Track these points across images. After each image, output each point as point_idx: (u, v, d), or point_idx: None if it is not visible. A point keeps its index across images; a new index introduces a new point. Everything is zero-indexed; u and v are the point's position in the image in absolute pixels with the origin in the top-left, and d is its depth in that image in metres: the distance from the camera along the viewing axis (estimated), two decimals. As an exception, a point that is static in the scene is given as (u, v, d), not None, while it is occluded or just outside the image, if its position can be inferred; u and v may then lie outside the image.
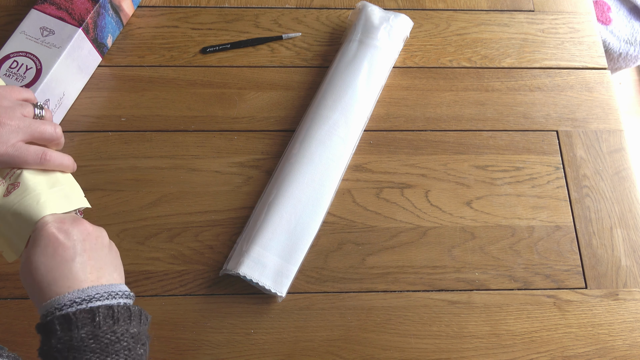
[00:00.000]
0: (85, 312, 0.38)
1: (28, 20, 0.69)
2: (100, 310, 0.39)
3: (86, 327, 0.38)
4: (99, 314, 0.39)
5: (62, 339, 0.38)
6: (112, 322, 0.39)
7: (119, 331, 0.39)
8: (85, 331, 0.38)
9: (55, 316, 0.38)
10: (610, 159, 0.72)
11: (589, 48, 0.80)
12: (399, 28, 0.75)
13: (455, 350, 0.61)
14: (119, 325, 0.39)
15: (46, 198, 0.43)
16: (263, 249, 0.62)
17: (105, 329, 0.38)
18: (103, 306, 0.39)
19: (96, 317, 0.38)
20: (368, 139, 0.72)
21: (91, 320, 0.38)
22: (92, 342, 0.38)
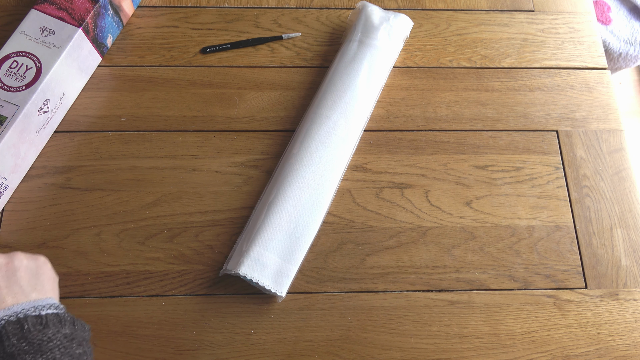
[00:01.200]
0: (13, 323, 0.41)
1: (28, 20, 0.69)
2: (28, 319, 0.42)
3: (17, 335, 0.41)
4: (27, 323, 0.42)
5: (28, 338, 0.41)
6: (42, 327, 0.42)
7: (49, 333, 0.42)
8: (16, 338, 0.41)
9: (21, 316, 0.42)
10: (610, 159, 0.72)
11: (589, 48, 0.80)
12: (399, 28, 0.75)
13: (455, 350, 0.61)
14: (49, 328, 0.42)
15: None
16: (263, 249, 0.62)
17: (35, 333, 0.41)
18: (30, 316, 0.42)
19: (24, 325, 0.41)
20: (368, 139, 0.72)
21: (20, 329, 0.41)
22: (24, 344, 0.40)
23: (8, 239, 0.64)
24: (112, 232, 0.65)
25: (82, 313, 0.61)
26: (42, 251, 0.64)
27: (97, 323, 0.61)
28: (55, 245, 0.64)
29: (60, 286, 0.63)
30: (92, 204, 0.67)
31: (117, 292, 0.63)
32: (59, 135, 0.70)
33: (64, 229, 0.65)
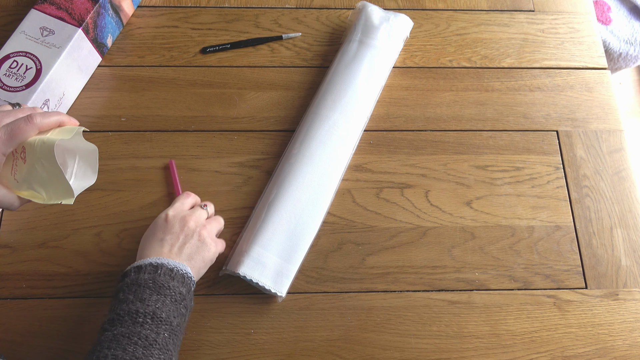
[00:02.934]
0: (151, 266, 0.52)
1: (28, 20, 0.69)
2: (163, 268, 0.52)
3: (150, 274, 0.51)
4: (161, 269, 0.52)
5: (133, 278, 0.51)
6: (169, 278, 0.52)
7: (172, 284, 0.52)
8: (147, 275, 0.51)
9: (132, 266, 0.53)
10: (610, 159, 0.72)
11: (589, 48, 0.80)
12: (399, 28, 0.75)
13: (455, 350, 0.61)
14: (173, 281, 0.52)
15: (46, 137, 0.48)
16: (263, 249, 0.62)
17: (162, 279, 0.51)
18: (166, 267, 0.52)
19: (158, 270, 0.52)
20: (368, 139, 0.72)
21: (154, 271, 0.52)
22: (151, 282, 0.51)
23: (8, 239, 0.65)
24: (112, 232, 0.65)
25: (82, 313, 0.61)
26: (42, 251, 0.64)
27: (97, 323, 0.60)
28: (55, 245, 0.64)
29: (60, 286, 0.63)
30: (92, 204, 0.67)
31: (117, 292, 0.63)
32: (59, 135, 0.70)
33: (64, 229, 0.65)
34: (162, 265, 0.52)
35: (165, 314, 0.49)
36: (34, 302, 0.62)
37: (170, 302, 0.50)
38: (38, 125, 0.48)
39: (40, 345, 0.60)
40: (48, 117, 0.49)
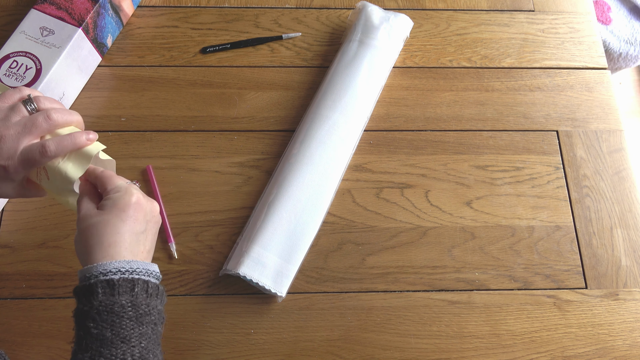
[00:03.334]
0: (126, 281, 0.42)
1: (28, 20, 0.69)
2: (139, 282, 0.43)
3: (126, 295, 0.42)
4: (138, 286, 0.43)
5: (104, 302, 0.41)
6: (146, 296, 0.43)
7: (151, 304, 0.43)
8: (125, 299, 0.42)
9: (98, 280, 0.42)
10: (610, 159, 0.72)
11: (589, 48, 0.80)
12: (399, 28, 0.75)
13: (455, 350, 0.61)
14: (151, 299, 0.44)
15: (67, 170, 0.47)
16: (263, 249, 0.62)
17: (141, 300, 0.43)
18: (141, 280, 0.43)
19: (135, 287, 0.43)
20: (368, 139, 0.72)
21: (130, 290, 0.42)
22: (131, 310, 0.42)
23: (8, 239, 0.65)
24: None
25: (82, 313, 0.61)
26: (42, 251, 0.64)
27: (97, 323, 0.61)
28: (55, 245, 0.64)
29: (60, 286, 0.63)
30: (92, 204, 0.67)
31: (117, 292, 0.63)
32: (59, 135, 0.70)
33: (64, 229, 0.65)
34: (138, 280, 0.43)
35: (152, 353, 0.42)
36: (34, 302, 0.62)
37: (151, 332, 0.43)
38: (53, 156, 0.46)
39: (40, 345, 0.60)
40: (62, 143, 0.46)
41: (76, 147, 0.47)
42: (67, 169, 0.47)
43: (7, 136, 0.45)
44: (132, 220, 0.46)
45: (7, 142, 0.45)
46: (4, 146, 0.44)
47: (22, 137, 0.45)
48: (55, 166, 0.47)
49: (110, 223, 0.45)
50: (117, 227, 0.45)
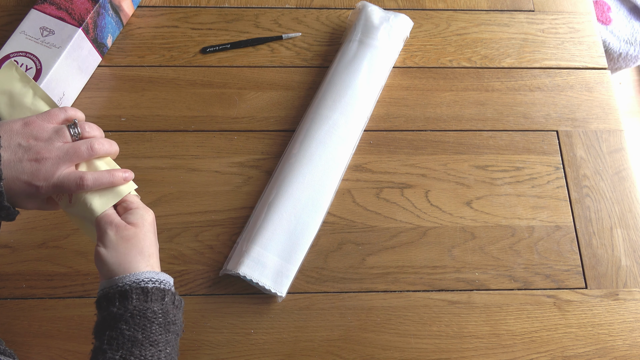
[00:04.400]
0: (159, 290, 0.45)
1: (28, 20, 0.69)
2: (169, 293, 0.46)
3: (157, 302, 0.45)
4: (167, 296, 0.46)
5: (138, 307, 0.44)
6: (173, 307, 0.46)
7: (177, 315, 0.47)
8: (157, 306, 0.45)
9: (133, 287, 0.45)
10: (610, 159, 0.72)
11: (589, 48, 0.80)
12: (399, 28, 0.75)
13: (455, 350, 0.61)
14: (177, 311, 0.47)
15: (93, 201, 0.48)
16: (263, 249, 0.62)
17: (169, 309, 0.46)
18: (170, 291, 0.47)
19: (165, 297, 0.46)
20: (368, 139, 0.72)
21: (161, 299, 0.45)
22: (161, 317, 0.45)
23: (8, 239, 0.65)
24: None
25: (83, 313, 0.61)
26: (42, 251, 0.64)
27: (97, 323, 0.61)
28: (55, 245, 0.64)
29: (60, 286, 0.63)
30: (92, 204, 0.67)
31: (117, 292, 0.63)
32: (59, 135, 0.70)
33: (64, 229, 0.65)
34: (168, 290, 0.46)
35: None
36: (34, 302, 0.62)
37: (174, 341, 0.46)
38: (88, 190, 0.47)
39: (40, 345, 0.60)
40: (100, 180, 0.48)
41: (112, 185, 0.49)
42: (92, 202, 0.48)
43: (49, 159, 0.46)
44: (155, 235, 0.50)
45: (47, 165, 0.46)
46: (42, 168, 0.45)
47: (62, 163, 0.46)
48: (83, 196, 0.48)
49: (147, 237, 0.48)
50: (152, 240, 0.49)
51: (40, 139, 0.46)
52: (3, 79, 0.50)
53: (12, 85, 0.50)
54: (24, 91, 0.50)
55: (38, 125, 0.47)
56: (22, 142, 0.45)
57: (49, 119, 0.48)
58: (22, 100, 0.50)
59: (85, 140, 0.48)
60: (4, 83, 0.50)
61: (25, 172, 0.45)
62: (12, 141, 0.45)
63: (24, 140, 0.46)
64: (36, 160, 0.45)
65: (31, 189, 0.46)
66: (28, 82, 0.51)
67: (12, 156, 0.45)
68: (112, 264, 0.47)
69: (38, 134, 0.46)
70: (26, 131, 0.46)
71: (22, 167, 0.45)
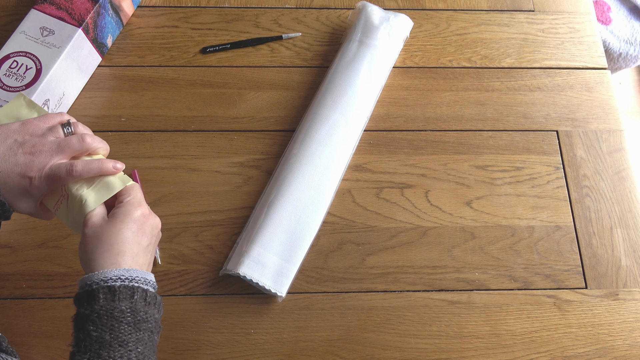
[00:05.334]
0: (126, 288, 0.44)
1: (28, 20, 0.69)
2: (138, 290, 0.45)
3: (126, 301, 0.44)
4: (137, 293, 0.45)
5: (104, 307, 0.43)
6: (144, 304, 0.45)
7: (149, 312, 0.45)
8: (125, 304, 0.44)
9: (100, 286, 0.44)
10: (610, 159, 0.72)
11: (589, 48, 0.80)
12: (399, 28, 0.75)
13: (455, 350, 0.61)
14: (149, 308, 0.45)
15: (87, 198, 0.49)
16: (263, 249, 0.62)
17: (139, 307, 0.44)
18: (140, 288, 0.45)
19: (134, 295, 0.44)
20: (368, 139, 0.72)
21: (130, 297, 0.44)
22: (129, 315, 0.44)
23: (8, 239, 0.65)
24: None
25: (82, 313, 0.61)
26: (42, 251, 0.64)
27: (97, 323, 0.61)
28: (55, 245, 0.64)
29: (60, 286, 0.63)
30: (92, 204, 0.67)
31: (117, 292, 0.63)
32: (59, 135, 0.70)
33: (64, 229, 0.65)
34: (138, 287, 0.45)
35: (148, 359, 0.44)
36: (34, 302, 0.62)
37: (147, 339, 0.45)
38: (78, 177, 0.48)
39: (40, 345, 0.60)
40: (89, 166, 0.48)
41: (102, 172, 0.49)
42: (88, 198, 0.49)
43: (41, 152, 0.47)
44: (140, 233, 0.48)
45: (40, 157, 0.47)
46: (36, 160, 0.47)
47: (55, 154, 0.48)
48: (79, 193, 0.49)
49: (121, 233, 0.47)
50: (126, 237, 0.47)
51: (35, 135, 0.48)
52: (12, 107, 0.53)
53: (20, 111, 0.53)
54: (30, 114, 0.53)
55: (34, 124, 0.49)
56: (17, 138, 0.47)
57: (45, 120, 0.50)
58: None
59: (76, 135, 0.49)
60: (13, 110, 0.53)
61: (19, 164, 0.46)
62: (8, 138, 0.47)
63: (19, 136, 0.47)
64: (30, 153, 0.47)
65: (25, 182, 0.47)
66: (34, 107, 0.54)
67: (8, 150, 0.46)
68: (82, 261, 0.47)
69: (33, 131, 0.48)
70: (23, 129, 0.48)
71: (17, 159, 0.46)
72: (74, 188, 0.49)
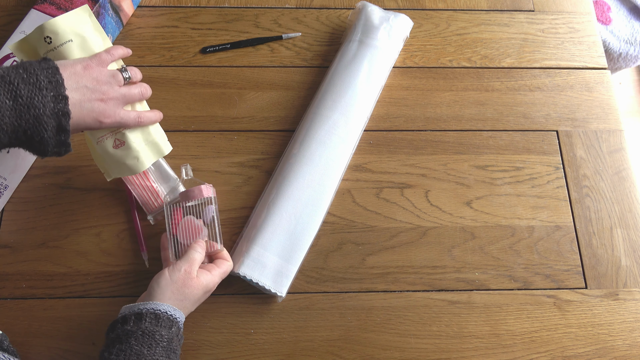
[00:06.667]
0: (168, 319, 0.52)
1: (28, 20, 0.69)
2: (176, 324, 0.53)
3: (165, 329, 0.51)
4: (175, 326, 0.52)
5: (149, 328, 0.50)
6: (177, 338, 0.52)
7: (178, 347, 0.52)
8: (165, 331, 0.51)
9: (148, 311, 0.52)
10: (610, 159, 0.72)
11: (589, 48, 0.80)
12: (398, 28, 0.75)
13: (455, 350, 0.61)
14: (179, 344, 0.53)
15: (143, 154, 0.58)
16: (263, 249, 0.62)
17: (173, 338, 0.51)
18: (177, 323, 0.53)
19: (172, 327, 0.52)
20: (368, 139, 0.72)
21: (169, 327, 0.52)
22: (166, 342, 0.50)
23: (8, 239, 0.65)
24: (112, 232, 0.65)
25: (83, 313, 0.61)
26: (42, 251, 0.64)
27: (97, 323, 0.61)
28: (55, 245, 0.64)
29: (60, 286, 0.63)
30: (93, 204, 0.67)
31: (117, 292, 0.63)
32: (59, 135, 0.70)
33: (64, 229, 0.65)
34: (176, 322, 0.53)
35: None
36: (34, 302, 0.62)
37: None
38: (143, 124, 0.58)
39: (40, 345, 0.60)
40: (150, 119, 0.58)
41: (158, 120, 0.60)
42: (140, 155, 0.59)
43: (111, 99, 0.54)
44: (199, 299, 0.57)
45: (111, 104, 0.54)
46: (108, 108, 0.53)
47: (122, 103, 0.55)
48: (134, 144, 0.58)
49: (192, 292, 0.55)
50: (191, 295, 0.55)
51: (101, 82, 0.53)
52: (77, 20, 0.56)
53: (85, 30, 0.56)
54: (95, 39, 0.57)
55: (97, 70, 0.54)
56: (88, 85, 0.52)
57: (101, 62, 0.55)
58: (92, 49, 0.56)
59: (137, 85, 0.57)
60: (77, 25, 0.56)
61: (95, 110, 0.52)
62: (79, 84, 0.52)
63: (89, 83, 0.52)
64: (102, 100, 0.53)
65: (96, 124, 0.53)
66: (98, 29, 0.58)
67: (82, 96, 0.51)
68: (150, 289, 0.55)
69: (99, 77, 0.53)
70: (88, 74, 0.53)
71: (92, 106, 0.52)
72: (131, 139, 0.57)
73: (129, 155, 0.58)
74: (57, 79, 0.49)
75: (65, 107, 0.49)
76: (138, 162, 0.58)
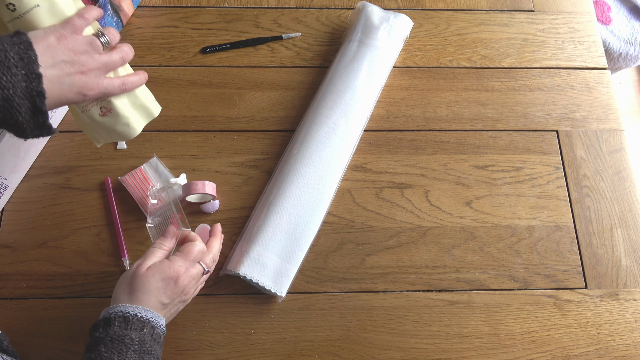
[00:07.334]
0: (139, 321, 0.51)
1: None
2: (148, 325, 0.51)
3: (136, 331, 0.50)
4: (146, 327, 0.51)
5: (117, 332, 0.49)
6: (151, 339, 0.51)
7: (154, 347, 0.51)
8: (135, 334, 0.49)
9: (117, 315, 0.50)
10: (610, 159, 0.72)
11: (589, 48, 0.80)
12: (398, 28, 0.75)
13: (455, 350, 0.61)
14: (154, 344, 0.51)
15: (132, 120, 0.56)
16: (263, 249, 0.62)
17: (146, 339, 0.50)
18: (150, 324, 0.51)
19: (144, 328, 0.51)
20: (368, 139, 0.72)
21: (140, 329, 0.50)
22: (137, 344, 0.49)
23: (8, 239, 0.65)
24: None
25: (83, 313, 0.61)
26: (42, 251, 0.64)
27: (97, 323, 0.61)
28: (55, 245, 0.64)
29: (60, 286, 0.63)
30: (92, 204, 0.67)
31: (117, 292, 0.63)
32: (59, 135, 0.70)
33: (64, 229, 0.65)
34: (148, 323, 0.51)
35: None
36: (34, 302, 0.62)
37: None
38: (128, 91, 0.53)
39: (40, 345, 0.60)
40: (134, 83, 0.54)
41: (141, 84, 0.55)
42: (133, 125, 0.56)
43: (93, 70, 0.50)
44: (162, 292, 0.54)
45: (91, 76, 0.49)
46: (89, 80, 0.49)
47: (103, 73, 0.51)
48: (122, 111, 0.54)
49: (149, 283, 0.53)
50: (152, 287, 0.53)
51: (79, 52, 0.48)
52: None
53: None
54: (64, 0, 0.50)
55: (72, 39, 0.48)
56: (65, 58, 0.47)
57: (75, 29, 0.49)
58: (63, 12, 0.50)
59: (117, 50, 0.52)
60: None
61: (76, 84, 0.48)
62: (55, 58, 0.47)
63: (65, 55, 0.47)
64: (82, 72, 0.48)
65: (79, 98, 0.49)
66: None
67: (60, 72, 0.47)
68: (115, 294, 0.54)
69: (75, 47, 0.48)
70: (64, 46, 0.48)
71: (72, 80, 0.48)
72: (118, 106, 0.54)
73: (117, 122, 0.54)
74: (29, 55, 0.44)
75: (39, 86, 0.44)
76: (129, 128, 0.55)
